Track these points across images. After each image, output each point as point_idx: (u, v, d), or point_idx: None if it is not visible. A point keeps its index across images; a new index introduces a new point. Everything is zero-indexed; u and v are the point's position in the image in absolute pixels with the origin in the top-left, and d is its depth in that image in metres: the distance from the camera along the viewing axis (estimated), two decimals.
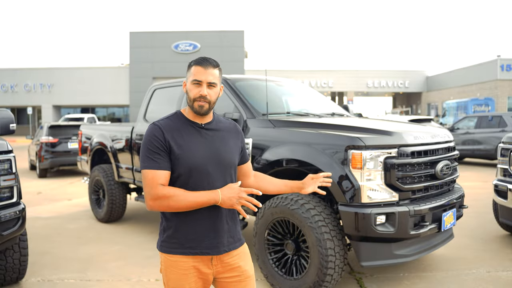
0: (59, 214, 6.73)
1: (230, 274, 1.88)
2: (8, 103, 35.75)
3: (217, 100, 1.87)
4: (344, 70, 39.13)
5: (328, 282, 3.25)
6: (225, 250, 1.85)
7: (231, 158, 1.89)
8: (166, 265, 1.86)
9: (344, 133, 3.38)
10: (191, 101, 1.81)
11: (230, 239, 1.88)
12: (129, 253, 4.70)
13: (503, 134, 11.01)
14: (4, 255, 3.58)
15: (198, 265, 1.83)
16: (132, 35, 33.62)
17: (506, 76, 29.41)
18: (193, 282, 1.83)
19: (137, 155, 5.37)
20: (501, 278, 3.82)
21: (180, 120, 1.86)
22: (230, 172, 1.89)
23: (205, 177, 1.79)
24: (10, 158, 3.34)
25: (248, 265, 1.94)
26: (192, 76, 1.81)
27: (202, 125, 1.86)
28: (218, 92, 1.86)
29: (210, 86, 1.80)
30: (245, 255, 1.94)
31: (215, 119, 1.92)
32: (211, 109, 1.84)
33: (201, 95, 1.78)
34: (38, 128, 13.82)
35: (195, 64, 1.82)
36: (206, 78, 1.79)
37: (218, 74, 1.84)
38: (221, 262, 1.86)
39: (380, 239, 3.19)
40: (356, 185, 3.15)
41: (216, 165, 1.82)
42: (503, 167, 4.72)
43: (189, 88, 1.82)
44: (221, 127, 1.92)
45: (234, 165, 1.91)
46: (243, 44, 33.35)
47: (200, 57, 1.84)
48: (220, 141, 1.87)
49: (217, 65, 1.84)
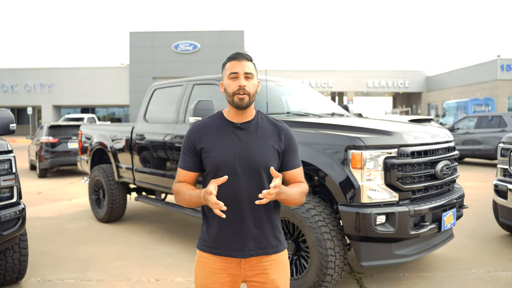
0: (59, 214, 6.73)
1: (257, 279, 1.84)
2: (8, 103, 35.75)
3: (255, 94, 1.82)
4: (344, 70, 39.13)
5: (328, 282, 3.25)
6: (252, 255, 1.81)
7: (264, 160, 1.79)
8: (197, 261, 1.89)
9: (344, 133, 3.38)
10: (230, 96, 1.78)
11: (258, 244, 1.81)
12: (129, 253, 4.70)
13: (503, 134, 11.01)
14: (4, 255, 3.58)
15: (227, 266, 1.82)
16: (132, 35, 33.63)
17: (506, 76, 29.41)
18: (219, 283, 1.82)
19: (137, 155, 5.37)
20: (501, 278, 3.82)
21: (218, 119, 1.86)
22: (261, 175, 1.80)
23: (232, 177, 1.76)
24: (10, 158, 3.34)
25: (278, 274, 1.85)
26: (228, 71, 1.79)
27: (238, 125, 1.83)
28: (256, 86, 1.82)
29: (247, 77, 1.78)
30: (277, 264, 1.86)
31: (257, 118, 1.87)
32: (251, 103, 1.80)
33: (240, 86, 1.76)
34: (38, 128, 13.83)
35: (229, 60, 1.81)
36: (242, 69, 1.77)
37: (253, 67, 1.82)
38: (249, 265, 1.83)
39: (380, 239, 3.19)
40: (356, 185, 3.15)
41: (244, 166, 1.78)
42: (503, 167, 4.72)
43: (227, 84, 1.80)
44: (261, 128, 1.85)
45: (267, 168, 1.79)
46: (243, 44, 33.35)
47: (233, 53, 1.82)
48: (254, 142, 1.81)
49: (251, 59, 1.83)
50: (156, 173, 5.06)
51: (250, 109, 1.84)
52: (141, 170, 5.33)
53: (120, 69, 36.19)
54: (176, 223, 6.08)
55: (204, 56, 32.74)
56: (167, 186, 4.94)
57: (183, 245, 4.96)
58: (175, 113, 4.90)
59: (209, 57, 32.54)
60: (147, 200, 5.53)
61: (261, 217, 1.82)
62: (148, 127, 5.30)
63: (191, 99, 4.73)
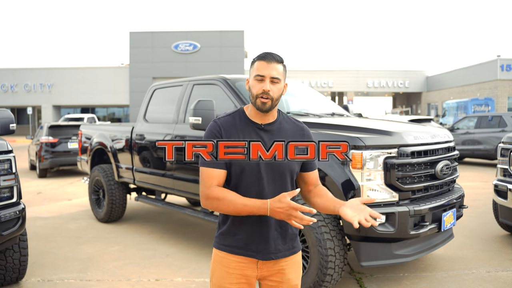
0: (59, 214, 6.73)
1: (274, 278, 1.83)
2: (8, 103, 35.74)
3: (280, 97, 1.78)
4: (344, 70, 39.11)
5: (328, 282, 3.25)
6: (272, 258, 1.80)
7: (288, 163, 1.77)
8: (214, 260, 1.87)
9: (344, 133, 3.38)
10: (253, 98, 1.74)
11: (279, 247, 1.80)
12: (129, 253, 4.70)
13: (503, 134, 11.01)
14: (4, 255, 3.58)
15: (243, 267, 1.80)
16: (132, 35, 33.62)
17: (506, 76, 29.39)
18: (235, 283, 1.80)
19: (137, 155, 5.37)
20: (501, 278, 3.82)
21: (240, 118, 1.81)
22: (286, 177, 1.79)
23: (257, 179, 1.74)
24: (10, 158, 3.34)
25: (294, 274, 1.86)
26: (255, 71, 1.74)
27: (262, 126, 1.79)
28: (282, 89, 1.78)
29: (273, 82, 1.73)
30: (293, 264, 1.86)
31: (279, 119, 1.84)
32: (274, 107, 1.76)
33: (264, 90, 1.71)
34: (38, 128, 13.82)
35: (258, 59, 1.75)
36: (269, 72, 1.72)
37: (282, 69, 1.76)
38: (266, 266, 1.82)
39: (380, 239, 3.20)
40: (356, 185, 3.15)
41: (270, 168, 1.75)
42: (503, 167, 4.72)
43: (252, 84, 1.75)
44: (284, 130, 1.82)
45: (291, 171, 1.80)
46: (243, 44, 33.33)
47: (264, 52, 1.76)
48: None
49: (282, 61, 1.76)
50: (156, 173, 5.06)
51: (273, 111, 1.81)
52: (141, 170, 5.33)
53: (120, 69, 36.18)
54: (176, 223, 6.08)
55: (204, 56, 32.73)
56: (167, 186, 4.94)
57: (183, 245, 4.96)
58: (175, 113, 4.90)
59: (209, 57, 32.54)
60: (147, 200, 5.53)
61: (283, 221, 1.78)
62: (148, 127, 5.30)
63: (191, 99, 4.73)
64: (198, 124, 3.82)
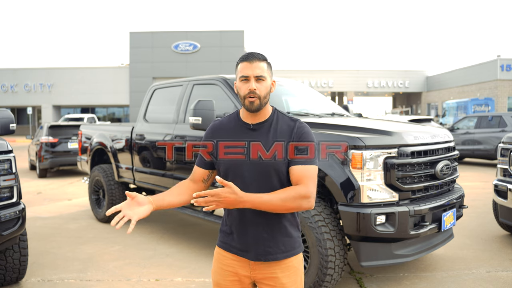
0: (59, 214, 6.73)
1: (267, 282, 1.82)
2: (8, 103, 35.75)
3: (269, 94, 1.79)
4: (344, 70, 39.11)
5: (328, 282, 3.25)
6: (260, 259, 1.79)
7: (274, 162, 1.75)
8: (214, 256, 1.94)
9: (344, 133, 3.38)
10: (242, 99, 1.77)
11: (269, 249, 1.78)
12: (129, 253, 4.70)
13: (503, 134, 11.02)
14: (4, 255, 3.58)
15: (236, 265, 1.84)
16: (132, 35, 33.61)
17: (506, 76, 29.40)
18: (229, 281, 1.85)
19: (137, 155, 5.37)
20: (501, 278, 3.82)
21: (234, 119, 1.86)
22: (271, 177, 1.76)
23: (240, 179, 1.76)
24: (10, 158, 3.34)
25: (289, 279, 1.80)
26: (239, 73, 1.77)
27: (251, 126, 1.81)
28: (269, 87, 1.79)
29: (258, 80, 1.75)
30: (289, 269, 1.81)
31: (272, 118, 1.83)
32: (263, 105, 1.77)
33: (250, 90, 1.74)
34: (38, 128, 13.82)
35: (241, 61, 1.78)
36: (253, 72, 1.74)
37: (266, 67, 1.78)
38: (259, 268, 1.81)
39: (380, 239, 3.19)
40: (356, 185, 3.15)
41: (252, 168, 1.76)
42: (503, 167, 4.72)
43: (239, 86, 1.78)
44: (274, 129, 1.80)
45: (277, 170, 1.76)
46: (243, 44, 33.33)
47: (246, 53, 1.78)
48: (265, 144, 1.77)
49: (264, 59, 1.78)
50: (156, 173, 5.06)
51: (264, 110, 1.81)
52: (141, 170, 5.33)
53: (120, 69, 36.18)
54: (176, 223, 6.08)
55: (204, 56, 32.73)
56: (167, 186, 4.93)
57: (183, 245, 4.96)
58: (175, 113, 4.90)
59: (209, 57, 32.54)
60: None
61: (272, 222, 1.78)
62: (148, 127, 5.30)
63: (191, 99, 4.73)
64: (198, 124, 3.82)
